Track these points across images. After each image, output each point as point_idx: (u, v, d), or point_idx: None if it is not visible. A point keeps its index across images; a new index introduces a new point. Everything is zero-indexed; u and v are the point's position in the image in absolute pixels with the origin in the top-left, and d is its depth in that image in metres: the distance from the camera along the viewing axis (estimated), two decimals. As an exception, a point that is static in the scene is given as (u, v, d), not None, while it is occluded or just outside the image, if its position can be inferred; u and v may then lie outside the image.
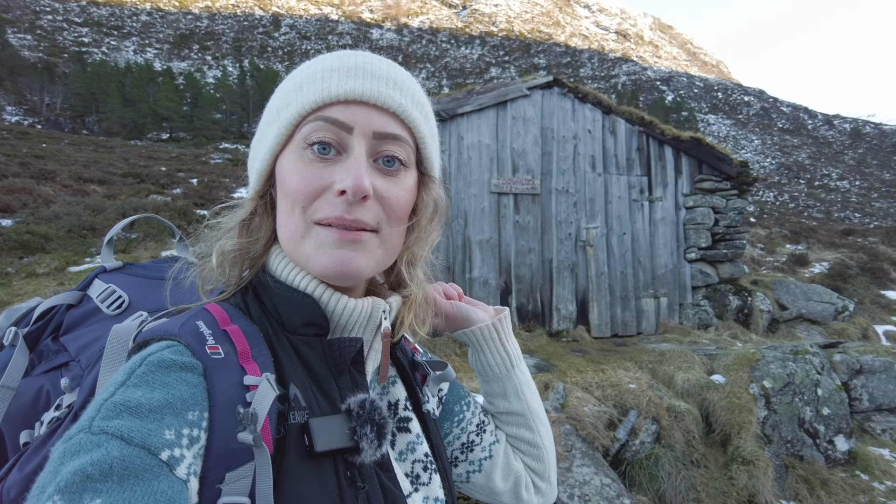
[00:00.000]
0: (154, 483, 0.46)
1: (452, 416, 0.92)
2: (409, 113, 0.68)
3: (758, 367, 5.42)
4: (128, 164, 24.97)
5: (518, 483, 0.92)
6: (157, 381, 0.54)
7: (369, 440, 0.62)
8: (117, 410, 0.50)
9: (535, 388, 0.95)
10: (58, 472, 0.45)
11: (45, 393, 0.76)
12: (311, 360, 0.67)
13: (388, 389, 0.80)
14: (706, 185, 8.49)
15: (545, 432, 0.93)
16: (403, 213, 0.70)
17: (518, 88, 7.58)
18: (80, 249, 10.00)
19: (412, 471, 0.76)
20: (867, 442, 5.38)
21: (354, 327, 0.71)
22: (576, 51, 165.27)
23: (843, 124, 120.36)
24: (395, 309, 0.75)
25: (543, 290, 7.58)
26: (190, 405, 0.54)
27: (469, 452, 0.91)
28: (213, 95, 74.36)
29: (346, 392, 0.67)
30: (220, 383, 0.57)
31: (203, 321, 0.64)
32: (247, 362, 0.61)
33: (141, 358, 0.57)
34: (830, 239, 18.92)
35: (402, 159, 0.69)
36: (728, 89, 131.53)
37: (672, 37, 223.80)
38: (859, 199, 75.27)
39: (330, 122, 0.65)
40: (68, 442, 0.48)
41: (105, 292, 0.86)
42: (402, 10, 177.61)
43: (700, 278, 8.40)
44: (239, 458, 0.54)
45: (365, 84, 0.65)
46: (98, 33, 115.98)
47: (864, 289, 10.50)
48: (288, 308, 0.68)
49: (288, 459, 0.57)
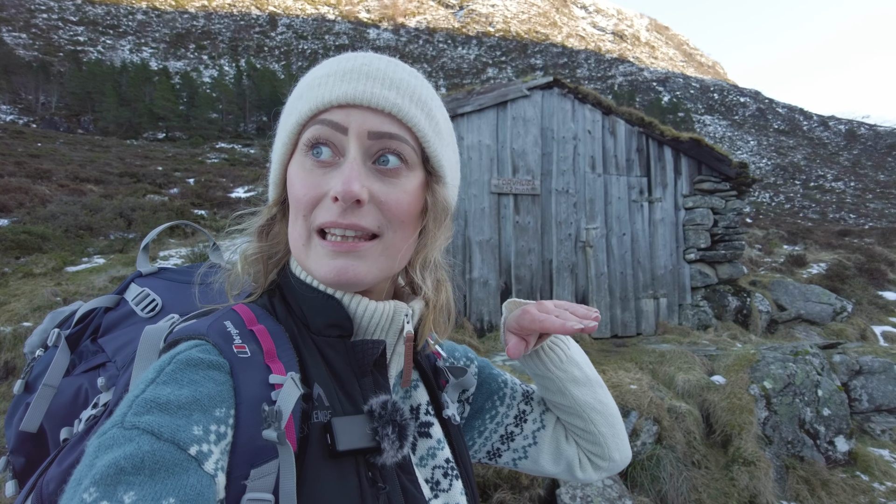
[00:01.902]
0: (184, 477, 0.48)
1: (483, 414, 0.94)
2: (405, 111, 0.66)
3: (758, 367, 5.42)
4: (124, 164, 24.90)
5: (571, 465, 0.95)
6: (186, 379, 0.55)
7: (390, 441, 0.62)
8: (148, 407, 0.52)
9: (590, 379, 0.91)
10: (93, 465, 0.47)
11: (84, 392, 0.79)
12: (334, 361, 0.68)
13: (411, 393, 0.81)
14: (705, 186, 8.51)
15: (601, 420, 0.91)
16: (407, 217, 0.68)
17: (518, 89, 7.58)
18: (78, 249, 9.94)
19: (432, 476, 0.76)
20: (867, 442, 5.40)
21: (377, 330, 0.71)
22: (572, 51, 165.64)
23: (839, 125, 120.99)
24: (418, 313, 0.75)
25: (543, 290, 7.58)
26: (217, 402, 0.55)
27: (510, 442, 0.94)
28: (209, 95, 74.26)
29: (369, 393, 0.67)
30: (246, 381, 0.58)
31: (230, 321, 0.65)
32: (272, 361, 0.62)
33: (170, 356, 0.58)
34: (827, 240, 19.00)
35: (401, 156, 0.67)
36: (724, 90, 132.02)
37: (668, 38, 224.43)
38: (854, 200, 75.68)
39: (325, 125, 0.66)
40: (102, 436, 0.50)
41: (139, 295, 0.89)
42: (398, 10, 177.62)
43: (699, 279, 8.42)
44: (264, 456, 0.55)
45: (359, 86, 0.65)
46: (94, 32, 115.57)
47: (862, 290, 10.54)
48: (311, 309, 0.69)
49: (310, 458, 0.58)
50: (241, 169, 30.32)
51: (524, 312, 0.81)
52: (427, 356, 0.87)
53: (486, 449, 0.96)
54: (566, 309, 0.80)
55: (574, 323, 0.75)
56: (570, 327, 0.75)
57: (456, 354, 0.97)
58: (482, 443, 0.95)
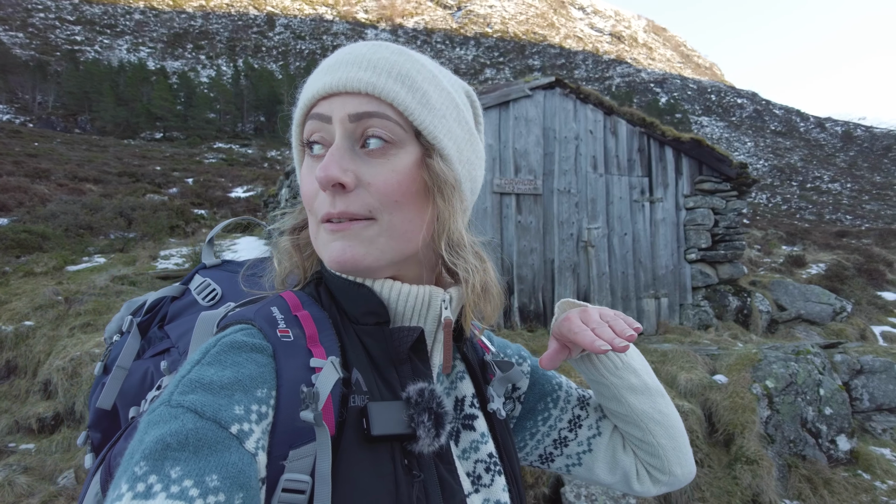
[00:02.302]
0: (226, 454, 0.50)
1: (535, 415, 0.93)
2: (380, 87, 0.65)
3: (759, 367, 5.44)
4: (122, 164, 24.85)
5: (628, 476, 0.91)
6: (229, 361, 0.57)
7: (426, 429, 0.62)
8: (192, 386, 0.54)
9: (649, 388, 0.86)
10: (142, 441, 0.50)
11: (150, 375, 0.83)
12: (372, 349, 0.68)
13: (456, 385, 0.80)
14: (706, 187, 8.53)
15: (661, 431, 0.87)
16: (400, 196, 0.67)
17: (520, 89, 7.59)
18: (78, 248, 9.93)
19: (474, 470, 0.75)
20: (868, 442, 5.42)
21: (413, 315, 0.71)
22: (570, 52, 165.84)
23: (835, 127, 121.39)
24: (456, 299, 0.74)
25: (545, 290, 7.59)
26: (259, 383, 0.57)
27: (563, 448, 0.92)
28: (206, 95, 74.15)
29: (407, 381, 0.67)
30: (288, 364, 0.60)
31: (277, 307, 0.67)
32: (314, 346, 0.63)
33: (216, 339, 0.61)
34: (825, 240, 19.07)
35: (384, 136, 0.66)
36: (721, 91, 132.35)
37: (666, 39, 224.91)
38: (850, 201, 75.93)
39: (314, 118, 0.68)
40: (152, 414, 0.52)
41: (201, 285, 0.93)
42: (396, 10, 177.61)
43: (700, 279, 8.44)
44: (303, 437, 0.56)
45: (338, 74, 0.66)
46: (91, 32, 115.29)
47: (861, 290, 10.58)
48: (346, 298, 0.70)
49: (346, 442, 0.59)
50: (240, 169, 30.30)
51: (566, 319, 0.80)
52: (474, 348, 0.86)
53: (538, 452, 0.94)
54: (608, 321, 0.77)
55: (601, 344, 0.72)
56: (598, 347, 0.72)
57: (508, 352, 0.96)
58: (534, 445, 0.94)
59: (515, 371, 0.84)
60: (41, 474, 4.31)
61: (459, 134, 0.72)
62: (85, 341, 5.67)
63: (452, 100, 0.72)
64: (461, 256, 0.72)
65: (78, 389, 5.10)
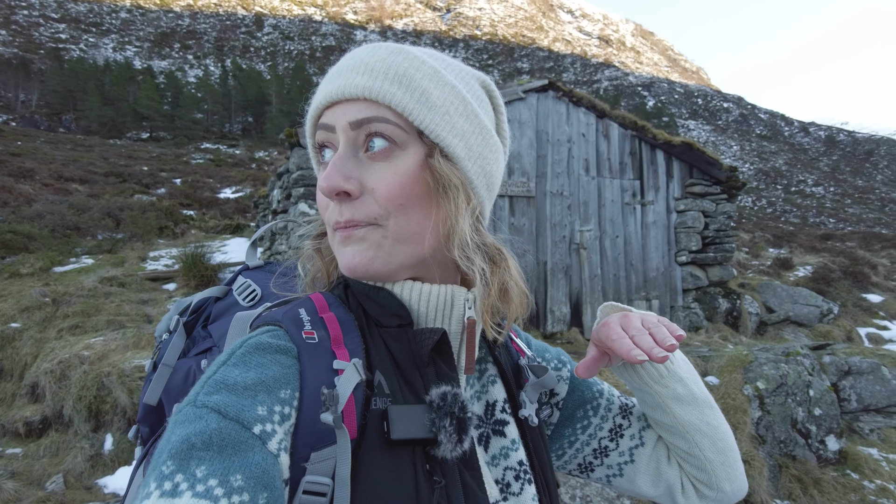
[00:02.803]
0: (249, 454, 0.50)
1: (574, 423, 0.90)
2: (376, 90, 0.64)
3: (751, 368, 5.50)
4: (108, 164, 24.56)
5: (672, 490, 0.88)
6: (254, 362, 0.58)
7: (448, 434, 0.60)
8: (217, 387, 0.54)
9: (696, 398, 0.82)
10: (169, 440, 0.50)
11: (193, 373, 0.83)
12: (396, 352, 0.67)
13: (488, 389, 0.79)
14: (696, 190, 8.61)
15: (708, 444, 0.83)
16: (404, 198, 0.66)
17: (514, 91, 7.62)
18: (65, 249, 9.78)
19: (503, 478, 0.73)
20: (856, 442, 5.50)
21: (437, 316, 0.70)
22: (559, 55, 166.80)
23: (818, 132, 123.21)
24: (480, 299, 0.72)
25: (538, 292, 7.61)
26: (282, 384, 0.57)
27: (604, 458, 0.89)
28: (194, 95, 73.56)
29: (431, 384, 0.65)
30: (312, 366, 0.60)
31: (305, 309, 0.68)
32: (338, 348, 0.63)
33: (242, 341, 0.61)
34: (811, 243, 19.33)
35: (386, 136, 0.66)
36: (708, 96, 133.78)
37: (653, 43, 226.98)
38: (834, 204, 77.11)
39: (321, 128, 0.69)
40: (179, 413, 0.53)
41: (242, 286, 0.93)
42: (385, 12, 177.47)
43: (690, 281, 8.51)
44: (324, 440, 0.56)
45: (338, 82, 0.66)
46: (76, 30, 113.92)
47: (847, 292, 10.73)
48: (368, 301, 0.70)
49: (367, 445, 0.58)
50: (228, 169, 30.08)
51: (605, 325, 0.77)
52: (508, 351, 0.85)
53: (577, 461, 0.91)
54: (650, 328, 0.74)
55: (638, 354, 0.69)
56: (634, 357, 0.69)
57: (546, 356, 0.94)
58: (573, 454, 0.91)
59: (550, 376, 0.81)
60: (29, 479, 4.25)
61: (467, 129, 0.69)
62: (73, 343, 5.58)
63: (458, 94, 0.69)
64: (472, 258, 0.69)
65: (66, 392, 5.01)
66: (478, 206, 0.72)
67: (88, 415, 4.79)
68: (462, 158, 0.69)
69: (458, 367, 0.71)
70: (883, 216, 72.18)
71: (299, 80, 78.46)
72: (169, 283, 8.36)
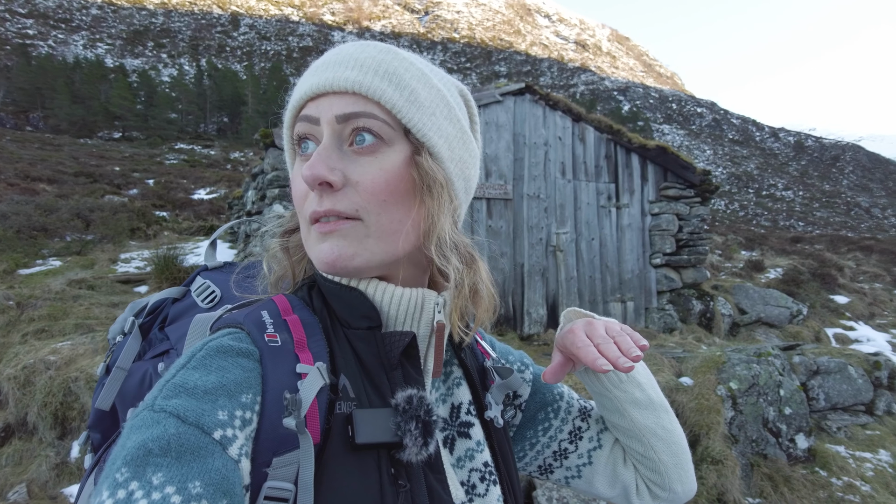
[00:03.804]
0: (209, 460, 0.49)
1: (536, 425, 0.91)
2: (366, 86, 0.65)
3: (724, 369, 5.59)
4: (78, 163, 23.98)
5: (627, 490, 0.90)
6: (214, 365, 0.57)
7: (413, 437, 0.60)
8: (176, 391, 0.53)
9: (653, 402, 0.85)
10: (124, 446, 0.49)
11: (149, 376, 0.82)
12: (363, 354, 0.67)
13: (453, 391, 0.79)
14: (671, 193, 8.73)
15: (662, 447, 0.85)
16: (388, 195, 0.66)
17: (491, 94, 7.64)
18: (31, 251, 9.50)
19: (468, 479, 0.74)
20: (824, 440, 5.62)
21: (406, 319, 0.70)
22: (536, 59, 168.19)
23: (788, 137, 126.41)
24: (451, 303, 0.73)
25: (515, 294, 7.64)
26: (244, 388, 0.56)
27: (563, 459, 0.91)
28: (168, 94, 72.32)
29: (398, 387, 0.65)
30: (275, 370, 0.59)
31: (267, 311, 0.67)
32: (301, 351, 0.62)
33: (202, 343, 0.60)
34: (781, 246, 19.79)
35: (374, 132, 0.66)
36: (682, 101, 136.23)
37: (629, 48, 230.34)
38: (803, 208, 79.15)
39: (302, 120, 0.68)
40: (135, 418, 0.51)
41: (201, 287, 0.91)
42: (363, 13, 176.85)
43: (665, 283, 8.63)
44: (287, 445, 0.55)
45: (326, 74, 0.66)
46: (44, 26, 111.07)
47: (815, 293, 11.00)
48: (338, 302, 0.69)
49: (331, 449, 0.58)
50: (203, 170, 29.62)
51: (570, 332, 0.78)
52: (474, 353, 0.85)
53: (538, 463, 0.93)
54: (614, 336, 0.75)
55: (603, 364, 0.70)
56: (600, 367, 0.70)
57: (510, 358, 0.94)
58: (533, 456, 0.92)
59: (515, 378, 0.83)
60: (-9, 489, 4.10)
61: (451, 132, 0.71)
62: (39, 348, 5.41)
63: (443, 97, 0.71)
64: (448, 257, 0.70)
65: (31, 399, 4.86)
66: (457, 208, 0.74)
67: (54, 422, 4.65)
68: (445, 160, 0.70)
69: (424, 371, 0.72)
70: (849, 220, 74.36)
71: (276, 81, 77.66)
72: (141, 286, 8.17)
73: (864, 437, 5.69)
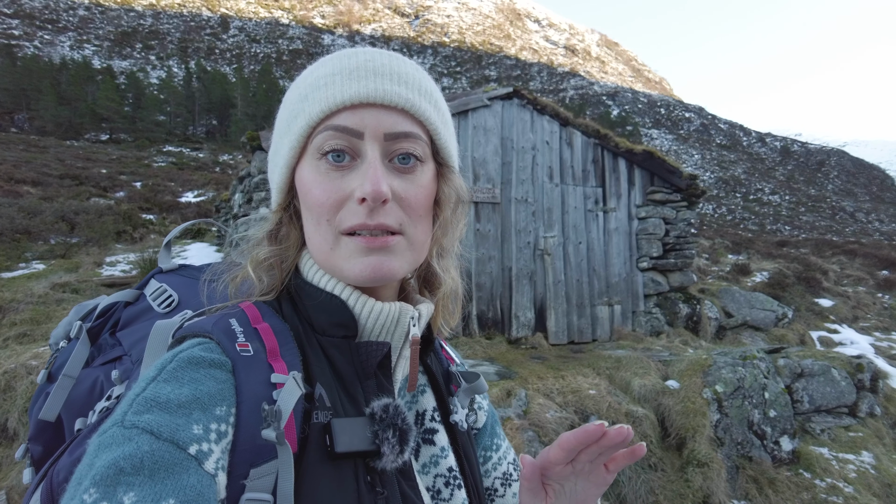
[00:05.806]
0: (184, 477, 0.48)
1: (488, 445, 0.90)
2: (418, 107, 0.66)
3: (710, 372, 5.62)
4: (64, 165, 23.72)
5: None
6: (187, 377, 0.55)
7: (391, 445, 0.61)
8: (148, 405, 0.51)
9: None
10: (93, 465, 0.47)
11: (100, 384, 0.79)
12: (338, 362, 0.67)
13: (417, 399, 0.79)
14: (658, 197, 8.79)
15: None
16: (424, 210, 0.69)
17: (479, 98, 7.66)
18: (14, 254, 9.36)
19: (434, 485, 0.74)
20: (808, 442, 5.66)
21: (382, 331, 0.70)
22: (526, 64, 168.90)
23: (774, 142, 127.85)
24: (425, 316, 0.74)
25: (503, 297, 7.64)
26: (218, 401, 0.55)
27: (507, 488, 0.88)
28: (156, 96, 71.68)
29: (372, 396, 0.66)
30: (248, 380, 0.58)
31: (236, 319, 0.65)
32: (275, 360, 0.61)
33: (172, 354, 0.58)
34: (767, 250, 19.98)
35: (417, 155, 0.68)
36: (670, 105, 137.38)
37: (618, 53, 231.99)
38: (789, 212, 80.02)
39: (340, 131, 0.65)
40: (103, 435, 0.50)
41: (157, 291, 0.89)
42: (354, 17, 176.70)
43: (652, 286, 8.68)
44: (264, 455, 0.54)
45: (369, 85, 0.64)
46: (30, 26, 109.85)
47: (801, 297, 11.11)
48: (317, 309, 0.69)
49: (309, 459, 0.58)
50: (191, 173, 29.40)
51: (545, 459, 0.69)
52: (438, 359, 0.85)
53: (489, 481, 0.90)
54: None
55: None
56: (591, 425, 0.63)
57: None
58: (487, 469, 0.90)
59: (481, 382, 0.84)
60: (-31, 496, 4.03)
61: (456, 150, 0.76)
62: (20, 353, 5.33)
63: (450, 117, 0.75)
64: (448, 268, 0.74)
65: (11, 405, 4.78)
66: None
67: (35, 428, 4.58)
68: (458, 175, 0.75)
69: (393, 380, 0.73)
70: (834, 224, 75.31)
71: (265, 84, 77.32)
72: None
73: (847, 438, 5.74)
